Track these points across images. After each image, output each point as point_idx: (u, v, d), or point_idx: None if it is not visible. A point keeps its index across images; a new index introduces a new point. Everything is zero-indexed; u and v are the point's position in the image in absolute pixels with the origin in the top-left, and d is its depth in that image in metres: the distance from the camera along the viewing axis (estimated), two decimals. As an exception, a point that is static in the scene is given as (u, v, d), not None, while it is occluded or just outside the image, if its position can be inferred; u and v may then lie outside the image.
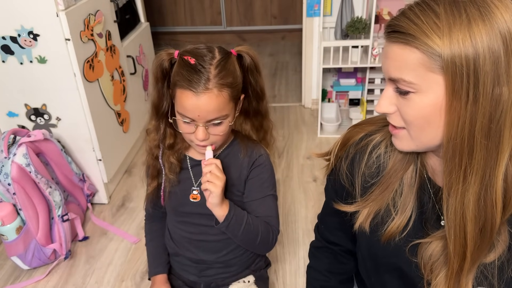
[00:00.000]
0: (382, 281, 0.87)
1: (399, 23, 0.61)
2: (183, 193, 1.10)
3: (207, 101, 0.91)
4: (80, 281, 1.53)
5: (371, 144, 0.81)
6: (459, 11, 0.57)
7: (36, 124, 1.72)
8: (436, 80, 0.60)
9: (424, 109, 0.62)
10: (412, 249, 0.77)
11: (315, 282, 1.02)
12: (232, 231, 1.03)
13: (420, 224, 0.77)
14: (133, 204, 1.90)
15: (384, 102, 0.67)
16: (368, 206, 0.80)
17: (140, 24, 2.34)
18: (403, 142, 0.69)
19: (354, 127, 0.86)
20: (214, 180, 0.96)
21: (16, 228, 1.46)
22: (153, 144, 1.07)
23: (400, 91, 0.64)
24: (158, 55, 0.97)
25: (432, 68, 0.59)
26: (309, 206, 1.82)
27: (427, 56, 0.58)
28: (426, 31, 0.58)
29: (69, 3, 1.52)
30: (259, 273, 1.24)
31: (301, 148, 2.25)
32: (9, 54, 1.56)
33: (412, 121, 0.65)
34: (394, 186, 0.78)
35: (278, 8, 3.77)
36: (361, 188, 0.82)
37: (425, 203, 0.77)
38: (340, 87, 2.47)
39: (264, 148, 1.12)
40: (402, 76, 0.62)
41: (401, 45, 0.61)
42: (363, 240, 0.87)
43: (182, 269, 1.21)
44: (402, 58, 0.61)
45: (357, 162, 0.82)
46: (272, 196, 1.11)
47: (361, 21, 2.08)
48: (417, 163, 0.77)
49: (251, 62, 1.00)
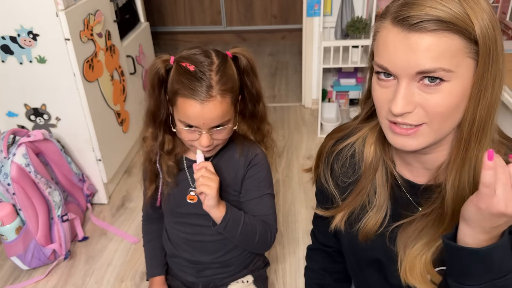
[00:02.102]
0: (364, 275, 0.90)
1: (425, 12, 0.59)
2: (180, 194, 1.10)
3: (212, 108, 0.91)
4: (79, 281, 1.53)
5: (341, 147, 0.84)
6: None
7: (35, 124, 1.72)
8: (468, 65, 0.61)
9: (456, 96, 0.62)
10: (391, 237, 0.79)
11: (311, 280, 1.04)
12: (230, 232, 1.03)
13: (397, 216, 0.79)
14: (132, 204, 1.90)
15: (403, 102, 0.63)
16: (343, 210, 0.84)
17: (139, 24, 2.34)
18: (421, 138, 0.66)
19: (325, 138, 0.90)
20: (207, 182, 0.96)
21: (15, 228, 1.46)
22: (151, 150, 1.06)
23: (428, 84, 0.61)
24: (153, 63, 0.96)
25: (469, 53, 0.60)
26: (309, 206, 1.82)
27: (467, 42, 0.59)
28: (460, 18, 0.58)
29: (68, 3, 1.52)
30: (257, 273, 1.24)
31: (301, 148, 2.25)
32: (9, 54, 1.56)
33: (442, 112, 0.63)
34: (368, 187, 0.80)
35: (278, 8, 3.77)
36: (338, 188, 0.85)
37: (398, 197, 0.79)
38: (340, 87, 2.46)
39: (260, 147, 1.12)
40: (441, 65, 0.59)
41: (439, 33, 0.59)
42: (343, 238, 0.90)
43: (180, 270, 1.21)
44: (439, 47, 0.59)
45: (331, 165, 0.86)
46: (269, 195, 1.11)
47: (361, 21, 2.07)
48: (386, 161, 0.79)
49: (247, 64, 0.99)
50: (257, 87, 1.03)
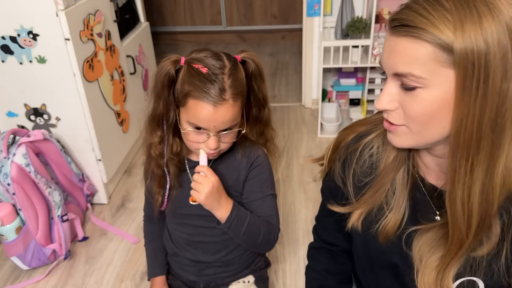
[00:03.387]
0: (377, 278, 0.88)
1: (407, 17, 0.60)
2: (182, 196, 1.10)
3: (224, 112, 0.91)
4: (79, 281, 1.53)
5: (363, 144, 0.81)
6: (469, 6, 0.57)
7: (35, 124, 1.72)
8: (446, 75, 0.59)
9: (431, 105, 0.61)
10: (408, 241, 0.77)
11: (313, 281, 1.03)
12: (234, 232, 1.03)
13: (415, 220, 0.77)
14: (132, 204, 1.90)
15: (385, 99, 0.66)
16: (361, 207, 0.81)
17: (140, 24, 2.34)
18: (402, 138, 0.68)
19: (345, 130, 0.87)
20: (197, 189, 0.97)
21: (15, 228, 1.46)
22: (158, 154, 1.04)
23: (406, 86, 0.62)
24: (162, 64, 0.94)
25: (443, 63, 0.58)
26: (309, 206, 1.82)
27: (439, 50, 0.58)
28: (438, 25, 0.57)
29: (68, 3, 1.52)
30: (259, 273, 1.24)
31: (301, 148, 2.25)
32: (9, 54, 1.56)
33: (417, 117, 0.63)
34: (386, 186, 0.78)
35: (278, 8, 3.77)
36: (354, 187, 0.82)
37: (418, 201, 0.77)
38: (340, 87, 2.46)
39: (262, 149, 1.12)
40: (411, 71, 0.60)
41: (411, 39, 0.59)
42: (357, 238, 0.88)
43: (181, 269, 1.21)
44: (411, 52, 0.60)
45: (349, 162, 0.82)
46: (271, 195, 1.11)
47: (361, 20, 2.07)
48: (409, 163, 0.76)
49: (255, 69, 0.99)
50: (263, 92, 1.04)
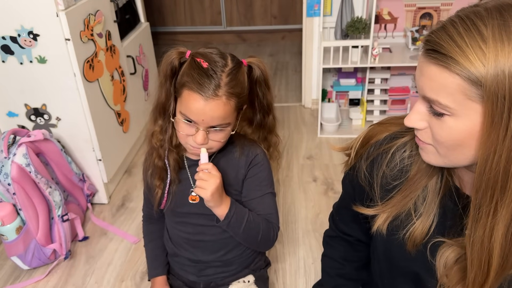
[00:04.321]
0: (395, 284, 0.87)
1: (440, 42, 0.56)
2: (181, 194, 1.10)
3: (215, 107, 0.91)
4: (80, 281, 1.53)
5: (395, 146, 0.78)
6: (508, 37, 0.53)
7: (36, 124, 1.72)
8: (474, 108, 0.56)
9: (458, 133, 0.59)
10: (432, 251, 0.75)
11: (331, 270, 1.02)
12: (233, 229, 1.03)
13: (442, 230, 0.74)
14: (133, 204, 1.90)
15: (415, 117, 0.64)
16: (388, 210, 0.78)
17: (140, 24, 2.34)
18: (430, 156, 0.67)
19: (377, 125, 0.84)
20: (202, 186, 0.97)
21: (16, 228, 1.46)
22: (160, 146, 1.05)
23: (435, 111, 0.60)
24: (168, 53, 0.97)
25: (471, 97, 0.55)
26: (309, 206, 1.82)
27: (468, 83, 0.55)
28: (470, 57, 0.54)
29: (69, 3, 1.52)
30: (259, 273, 1.24)
31: (301, 148, 2.25)
32: (9, 54, 1.56)
33: (443, 142, 0.62)
34: (417, 192, 0.75)
35: (278, 8, 3.77)
36: (381, 189, 0.79)
37: (449, 210, 0.74)
38: (340, 87, 2.46)
39: (261, 147, 1.12)
40: (438, 99, 0.58)
41: (441, 68, 0.57)
42: (379, 242, 0.85)
43: (181, 269, 1.21)
44: (440, 81, 0.57)
45: (378, 163, 0.79)
46: (270, 194, 1.11)
47: (361, 21, 2.08)
48: (444, 171, 0.73)
49: (260, 75, 1.00)
50: (268, 99, 1.05)
